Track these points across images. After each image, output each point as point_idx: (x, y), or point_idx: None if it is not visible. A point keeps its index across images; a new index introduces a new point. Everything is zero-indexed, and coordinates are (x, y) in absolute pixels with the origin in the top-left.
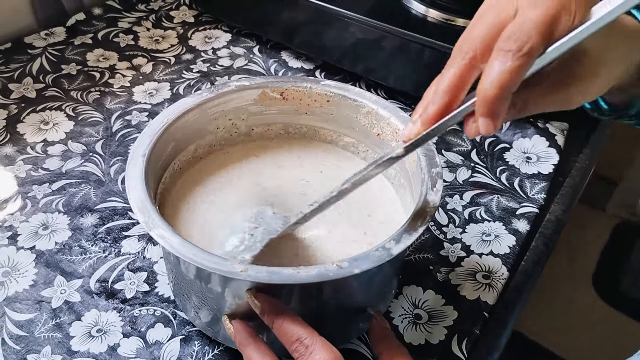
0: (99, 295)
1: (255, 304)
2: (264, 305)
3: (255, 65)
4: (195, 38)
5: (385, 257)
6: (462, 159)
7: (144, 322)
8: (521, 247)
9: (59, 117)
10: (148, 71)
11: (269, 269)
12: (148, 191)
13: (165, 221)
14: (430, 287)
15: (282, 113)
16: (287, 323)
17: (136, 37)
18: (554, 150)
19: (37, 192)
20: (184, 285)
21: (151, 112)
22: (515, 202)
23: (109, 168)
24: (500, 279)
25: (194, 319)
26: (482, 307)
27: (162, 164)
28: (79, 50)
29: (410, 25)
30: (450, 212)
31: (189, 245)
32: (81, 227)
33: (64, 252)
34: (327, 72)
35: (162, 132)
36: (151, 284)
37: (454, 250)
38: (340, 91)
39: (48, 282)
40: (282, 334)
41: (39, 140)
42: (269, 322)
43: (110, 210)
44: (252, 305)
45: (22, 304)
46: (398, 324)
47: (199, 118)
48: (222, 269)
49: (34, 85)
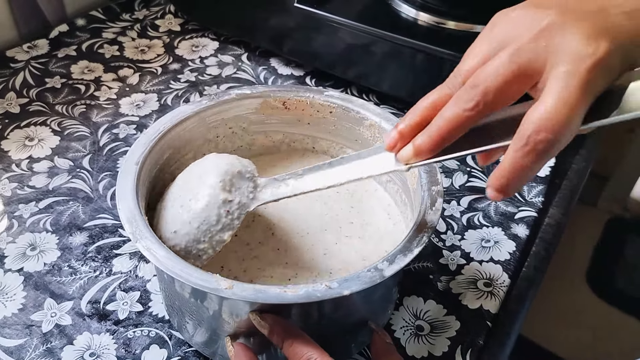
0: (90, 318)
1: (262, 325)
2: (273, 326)
3: (244, 74)
4: (182, 47)
5: (377, 279)
6: (458, 163)
7: (138, 343)
8: (521, 253)
9: (44, 133)
10: (135, 82)
11: (255, 287)
12: (138, 201)
13: (153, 233)
14: (431, 296)
15: (283, 123)
16: (297, 343)
17: (121, 48)
18: None
19: (23, 211)
20: (178, 303)
21: (139, 125)
22: (514, 207)
23: (97, 184)
24: (502, 287)
25: (190, 339)
26: (485, 316)
27: (157, 172)
28: (63, 62)
29: (401, 30)
30: (448, 218)
31: (175, 259)
32: (70, 247)
33: (53, 273)
34: (318, 78)
35: (158, 139)
36: (144, 303)
37: (453, 257)
38: (343, 102)
39: (37, 305)
40: (292, 354)
41: (24, 157)
42: (278, 342)
43: (100, 227)
44: (259, 327)
45: (11, 329)
46: (400, 337)
47: (197, 126)
48: (208, 285)
49: (17, 100)
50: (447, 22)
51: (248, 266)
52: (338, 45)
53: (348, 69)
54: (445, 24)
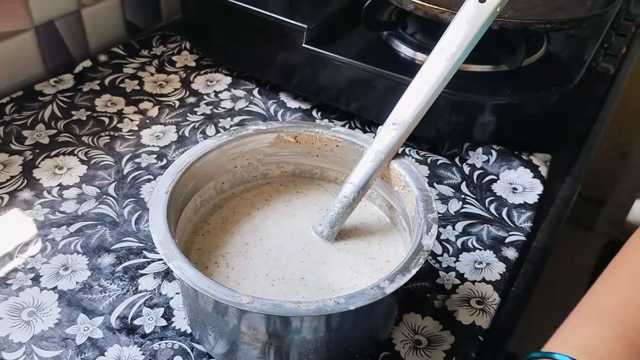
0: (120, 332)
1: None
2: None
3: (255, 107)
4: (197, 81)
5: (379, 295)
6: (453, 191)
7: (163, 355)
8: (511, 274)
9: (73, 162)
10: (154, 115)
11: (273, 302)
12: (169, 225)
13: (182, 254)
14: (429, 313)
15: (295, 155)
16: None
17: (141, 82)
18: (538, 181)
19: (55, 234)
20: (201, 317)
21: (159, 154)
22: (504, 231)
23: (123, 209)
24: (493, 304)
25: (211, 350)
26: (477, 331)
27: (183, 199)
28: (87, 96)
29: (400, 68)
30: (444, 242)
31: (203, 277)
32: (99, 267)
33: (84, 291)
34: (324, 111)
35: (185, 170)
36: (168, 319)
37: (448, 278)
38: (349, 137)
39: (71, 320)
40: None
41: (54, 185)
42: None
43: (126, 249)
44: None
45: (48, 341)
46: (400, 350)
47: (218, 158)
48: (232, 300)
49: (46, 131)
50: None
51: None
52: (342, 81)
53: (351, 102)
54: None
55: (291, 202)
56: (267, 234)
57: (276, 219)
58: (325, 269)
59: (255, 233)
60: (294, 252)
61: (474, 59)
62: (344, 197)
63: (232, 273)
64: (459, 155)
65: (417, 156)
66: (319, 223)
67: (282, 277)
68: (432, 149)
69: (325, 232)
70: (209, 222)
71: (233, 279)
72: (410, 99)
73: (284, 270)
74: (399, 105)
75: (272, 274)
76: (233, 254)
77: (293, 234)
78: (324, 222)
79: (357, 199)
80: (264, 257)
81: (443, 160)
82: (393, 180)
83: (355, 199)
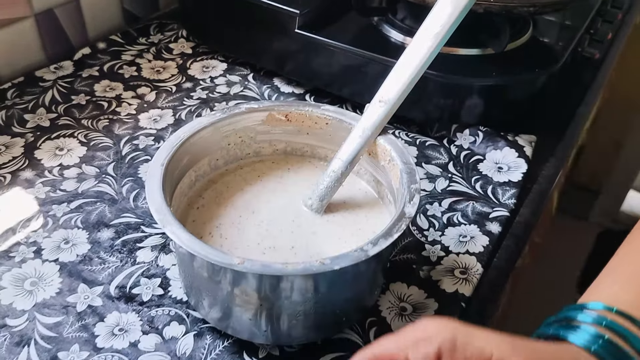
0: (118, 300)
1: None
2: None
3: (250, 92)
4: (193, 68)
5: (362, 257)
6: (441, 170)
7: (160, 321)
8: (494, 246)
9: (73, 144)
10: (152, 99)
11: (262, 263)
12: (164, 195)
13: (177, 220)
14: (414, 283)
15: (286, 133)
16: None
17: (139, 69)
18: (523, 160)
19: (56, 210)
20: (196, 283)
21: (156, 137)
22: (489, 207)
23: (121, 188)
24: (476, 274)
25: (206, 315)
26: (460, 298)
27: (177, 173)
28: (86, 82)
29: (390, 52)
30: (430, 217)
31: (196, 240)
32: (99, 241)
33: (84, 262)
34: (317, 95)
35: (180, 146)
36: (165, 288)
37: (434, 250)
38: (338, 115)
39: (72, 289)
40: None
41: (55, 165)
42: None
43: (125, 225)
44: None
45: (50, 309)
46: (386, 316)
47: (212, 135)
48: (223, 261)
49: (47, 115)
50: None
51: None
52: (334, 66)
53: (343, 87)
54: None
55: (283, 178)
56: (259, 207)
57: (268, 193)
58: (315, 239)
59: (248, 206)
60: (285, 223)
61: (461, 42)
62: (333, 171)
63: (225, 242)
64: (447, 137)
65: (407, 138)
66: (308, 197)
67: (273, 246)
68: (421, 131)
69: (315, 205)
70: (204, 196)
71: (226, 247)
72: (396, 78)
73: (275, 240)
74: (385, 84)
75: (263, 244)
76: (226, 226)
77: (284, 207)
78: (314, 195)
79: (345, 174)
80: (255, 228)
81: (431, 142)
82: (379, 156)
83: (344, 173)
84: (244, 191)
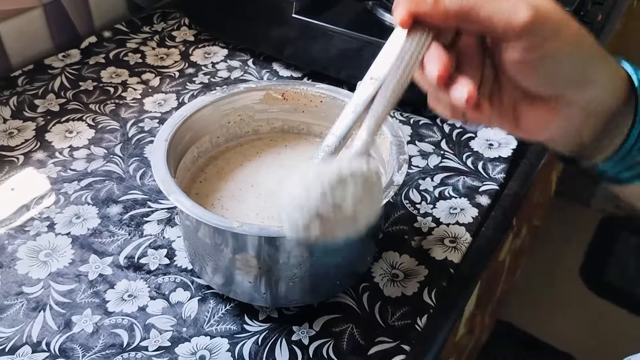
0: (127, 269)
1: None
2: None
3: (250, 76)
4: (195, 54)
5: None
6: (434, 147)
7: (166, 287)
8: (482, 217)
9: (81, 127)
10: (156, 85)
11: (259, 226)
12: (169, 167)
13: (180, 189)
14: (406, 252)
15: (282, 111)
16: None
17: (143, 56)
18: (513, 137)
19: (67, 188)
20: (200, 251)
21: (161, 119)
22: (479, 181)
23: (128, 167)
24: (465, 243)
25: (210, 281)
26: (449, 265)
27: (180, 149)
28: (93, 69)
29: (385, 35)
30: (422, 191)
31: (198, 207)
32: (108, 216)
33: (95, 235)
34: (314, 79)
35: (182, 123)
36: (171, 258)
37: (425, 222)
38: (331, 93)
39: (84, 260)
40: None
41: (65, 146)
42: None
43: (132, 201)
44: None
45: (64, 277)
46: (378, 282)
47: (212, 114)
48: (224, 224)
49: (56, 100)
50: None
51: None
52: (331, 50)
53: (340, 70)
54: None
55: (280, 154)
56: (257, 181)
57: (266, 169)
58: None
59: (247, 180)
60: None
61: None
62: (327, 146)
63: (226, 213)
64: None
65: (401, 117)
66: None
67: (270, 215)
68: (415, 110)
69: None
70: (206, 171)
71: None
72: (386, 54)
73: (272, 210)
74: (376, 61)
75: (262, 214)
76: (227, 198)
77: (281, 181)
78: None
79: (339, 148)
80: (254, 200)
81: (425, 121)
82: None
83: (337, 147)
84: (243, 166)
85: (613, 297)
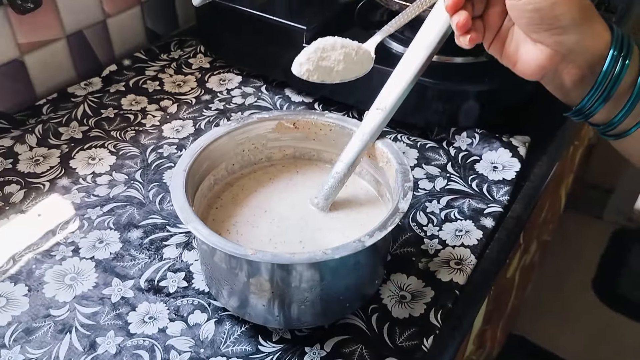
0: (148, 292)
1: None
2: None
3: (263, 102)
4: (211, 81)
5: (359, 247)
6: (440, 170)
7: (185, 309)
8: (487, 239)
9: (103, 153)
10: (174, 111)
11: (272, 253)
12: (187, 196)
13: (198, 217)
14: (413, 273)
15: (294, 139)
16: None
17: (161, 83)
18: (517, 160)
19: (91, 214)
20: (216, 275)
21: (179, 145)
22: (483, 204)
23: (148, 192)
24: (470, 265)
25: (226, 304)
26: (454, 286)
27: (198, 177)
28: (114, 96)
29: (391, 63)
30: (429, 214)
31: (215, 235)
32: (129, 240)
33: (117, 259)
34: (325, 104)
35: (199, 152)
36: (189, 281)
37: (432, 244)
38: (340, 122)
39: (107, 283)
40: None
41: (88, 173)
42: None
43: (152, 225)
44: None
45: (88, 300)
46: (387, 303)
47: (228, 143)
48: (239, 252)
49: (79, 127)
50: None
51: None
52: None
53: (349, 95)
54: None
55: (292, 180)
56: (271, 206)
57: (279, 194)
58: (320, 234)
59: (261, 206)
60: (294, 220)
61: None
62: (336, 173)
63: (241, 238)
64: (447, 140)
65: (408, 141)
66: (315, 196)
67: (283, 240)
68: (422, 134)
69: (320, 204)
70: (222, 197)
71: (242, 242)
72: (392, 86)
73: (285, 235)
74: (382, 92)
75: (275, 239)
76: (242, 223)
77: (293, 206)
78: (320, 195)
79: (348, 175)
80: (268, 225)
81: (431, 144)
82: (378, 158)
83: (346, 174)
84: (257, 192)
85: (625, 309)
